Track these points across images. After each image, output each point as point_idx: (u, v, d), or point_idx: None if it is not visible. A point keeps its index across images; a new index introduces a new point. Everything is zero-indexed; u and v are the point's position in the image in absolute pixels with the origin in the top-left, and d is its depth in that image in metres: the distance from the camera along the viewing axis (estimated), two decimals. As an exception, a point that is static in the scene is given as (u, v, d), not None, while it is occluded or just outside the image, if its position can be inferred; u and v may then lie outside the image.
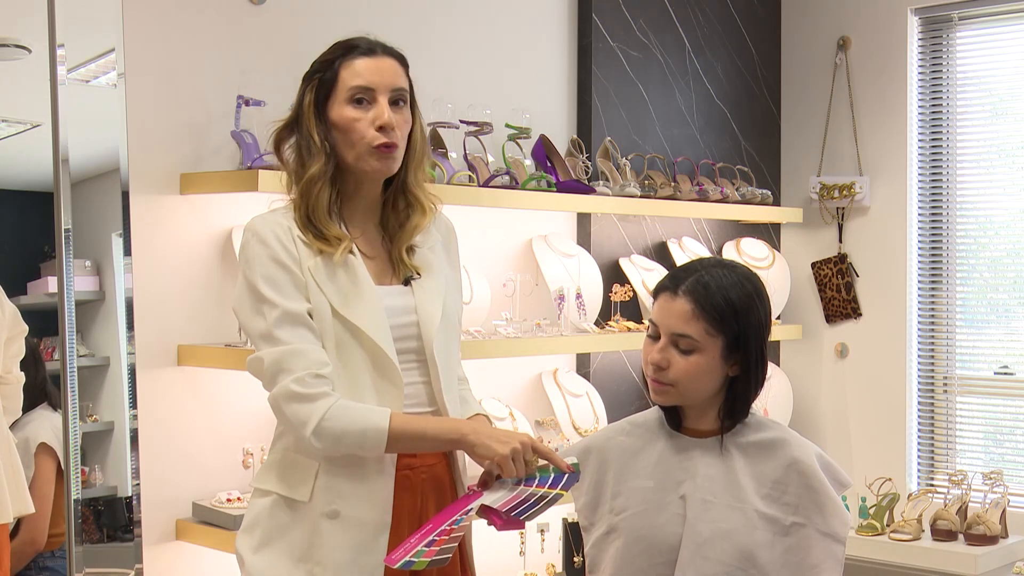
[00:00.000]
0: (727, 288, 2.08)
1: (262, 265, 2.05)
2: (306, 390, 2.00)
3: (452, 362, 2.21)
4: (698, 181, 4.19)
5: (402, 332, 2.11)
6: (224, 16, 3.11)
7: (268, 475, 2.13)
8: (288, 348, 2.02)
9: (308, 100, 2.11)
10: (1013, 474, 4.26)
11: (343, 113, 2.09)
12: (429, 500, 2.14)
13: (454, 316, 2.22)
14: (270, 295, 2.04)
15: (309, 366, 2.01)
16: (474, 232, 3.60)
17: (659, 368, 2.09)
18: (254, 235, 2.08)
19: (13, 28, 2.82)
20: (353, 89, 2.09)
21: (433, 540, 1.95)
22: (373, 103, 2.10)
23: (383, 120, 2.09)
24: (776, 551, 2.08)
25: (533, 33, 3.92)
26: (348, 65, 2.11)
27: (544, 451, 2.07)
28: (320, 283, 2.06)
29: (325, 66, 2.13)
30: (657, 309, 2.12)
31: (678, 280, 2.11)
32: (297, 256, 2.06)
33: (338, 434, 2.00)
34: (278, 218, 2.11)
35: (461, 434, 2.06)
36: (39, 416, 2.88)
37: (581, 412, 3.77)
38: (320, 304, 2.06)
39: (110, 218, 2.91)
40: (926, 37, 4.47)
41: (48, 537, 2.88)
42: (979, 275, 4.43)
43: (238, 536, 2.13)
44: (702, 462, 2.13)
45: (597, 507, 2.20)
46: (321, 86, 2.12)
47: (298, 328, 2.03)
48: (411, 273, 2.17)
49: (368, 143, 2.08)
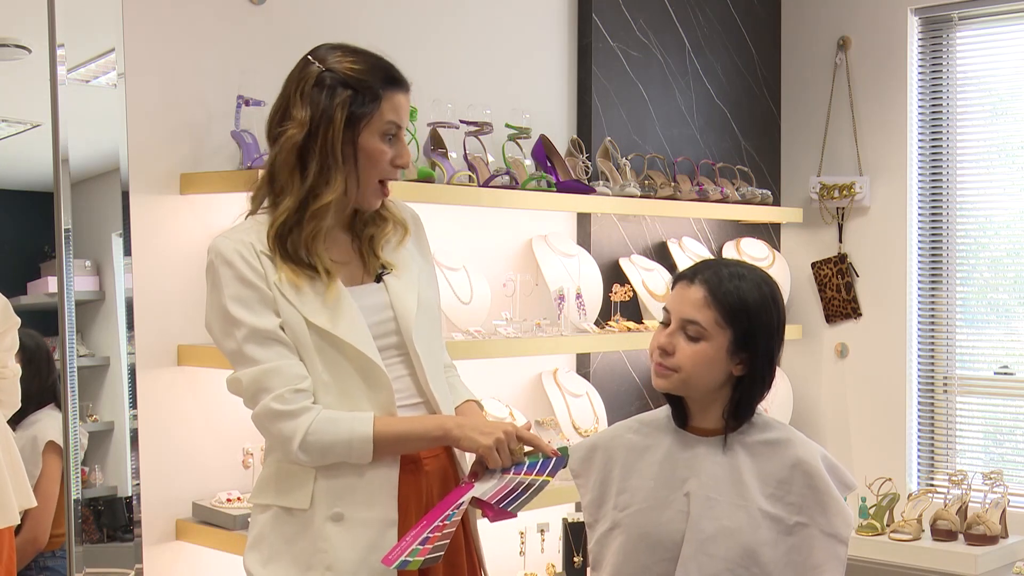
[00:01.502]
0: (743, 285, 2.11)
1: (229, 285, 2.04)
2: (287, 407, 2.01)
3: (435, 351, 2.21)
4: (698, 181, 4.19)
5: (381, 329, 2.11)
6: (224, 16, 3.11)
7: (265, 489, 2.12)
8: (265, 367, 2.02)
9: (340, 117, 2.04)
10: (1013, 474, 4.26)
11: (375, 145, 2.07)
12: (435, 491, 2.14)
13: (431, 305, 2.21)
14: (238, 314, 2.03)
15: (288, 382, 2.02)
16: (474, 232, 3.60)
17: (664, 352, 2.11)
18: (217, 255, 2.05)
19: (13, 28, 2.82)
20: (389, 124, 2.07)
21: (427, 537, 1.96)
22: (396, 140, 2.10)
23: (404, 160, 2.10)
24: (779, 550, 2.08)
25: (533, 33, 3.92)
26: (391, 98, 2.07)
27: (528, 438, 2.08)
28: (288, 297, 2.04)
29: (362, 87, 2.05)
30: (672, 296, 2.15)
31: (697, 271, 2.15)
32: (263, 271, 2.05)
33: (324, 447, 2.01)
34: (240, 235, 2.07)
35: (445, 429, 2.08)
36: (47, 415, 2.88)
37: (581, 412, 3.77)
38: (292, 317, 2.04)
39: (110, 218, 2.91)
40: (926, 37, 4.47)
41: (49, 537, 2.88)
42: (979, 275, 4.43)
43: (246, 553, 2.13)
44: (707, 460, 2.13)
45: (602, 504, 2.21)
46: (358, 107, 2.05)
47: (269, 345, 2.03)
48: (382, 269, 2.16)
49: (381, 178, 2.09)
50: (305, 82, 2.06)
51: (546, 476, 2.05)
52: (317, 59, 2.08)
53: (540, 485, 2.04)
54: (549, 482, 2.06)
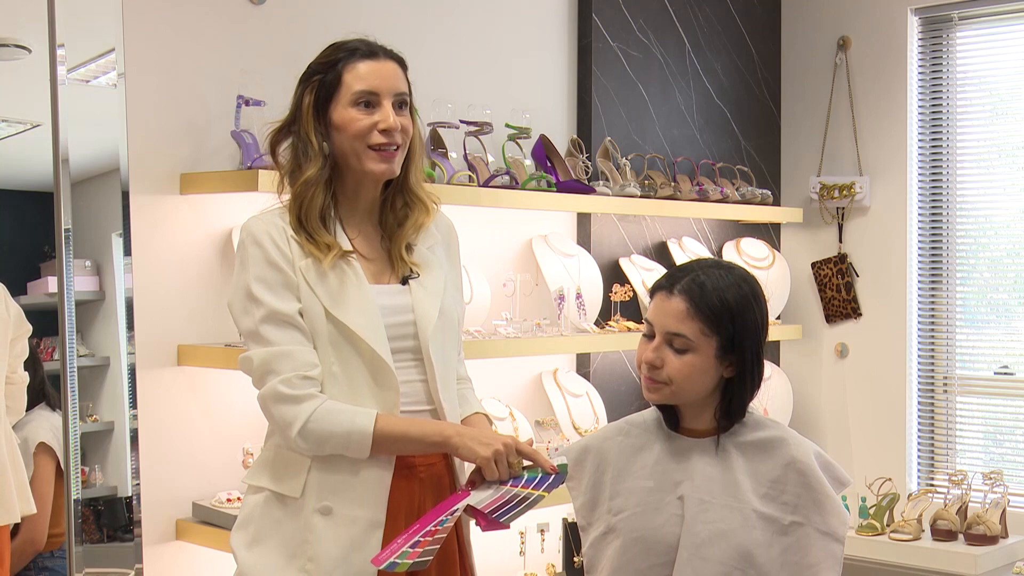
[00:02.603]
0: (723, 289, 2.08)
1: (256, 266, 2.07)
2: (293, 391, 2.03)
3: (450, 361, 2.21)
4: (698, 181, 4.20)
5: (399, 331, 2.12)
6: (224, 16, 3.11)
7: (260, 472, 2.14)
8: (277, 349, 2.04)
9: (307, 102, 2.11)
10: (1013, 474, 4.26)
11: (346, 115, 2.10)
12: (428, 498, 2.14)
13: (453, 315, 2.22)
14: (260, 295, 2.06)
15: (297, 367, 2.03)
16: (474, 232, 3.60)
17: (653, 367, 2.10)
18: (249, 235, 2.10)
19: (13, 28, 2.82)
20: (358, 93, 2.10)
21: (418, 541, 1.96)
22: (377, 107, 2.11)
23: (388, 124, 2.10)
24: (774, 551, 2.07)
25: (533, 33, 3.92)
26: (351, 68, 2.11)
27: (528, 452, 2.09)
28: (311, 284, 2.07)
29: (325, 68, 2.12)
30: (653, 308, 2.12)
31: (674, 280, 2.11)
32: (291, 256, 2.08)
33: (323, 436, 2.02)
34: (274, 218, 2.12)
35: (445, 436, 2.08)
36: (38, 416, 2.88)
37: (581, 412, 3.77)
38: (312, 304, 2.07)
39: (110, 218, 2.91)
40: (926, 37, 4.47)
41: (48, 537, 2.88)
42: (979, 275, 4.43)
43: (232, 533, 2.15)
44: (700, 462, 2.12)
45: (595, 507, 2.20)
46: (322, 88, 2.12)
47: (285, 328, 2.05)
48: (409, 271, 2.17)
49: (369, 144, 2.10)
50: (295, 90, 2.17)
51: (542, 491, 2.05)
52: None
53: (535, 499, 2.05)
54: (544, 497, 2.07)
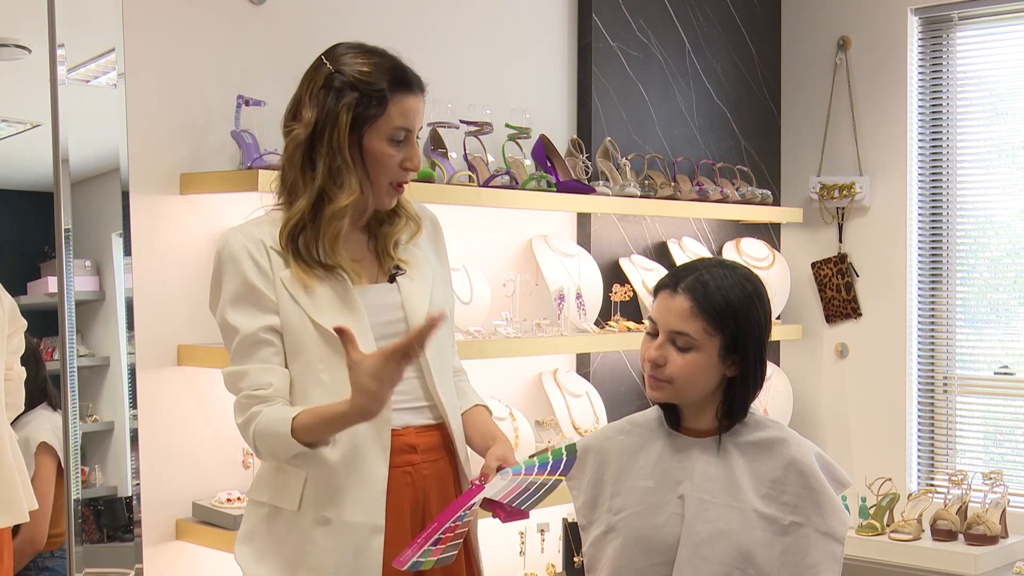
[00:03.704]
0: (727, 288, 2.08)
1: (229, 281, 2.06)
2: (243, 414, 2.04)
3: (445, 355, 2.21)
4: (698, 181, 4.19)
5: (391, 329, 2.11)
6: (224, 16, 3.11)
7: (261, 486, 2.14)
8: (236, 369, 2.06)
9: (344, 121, 2.04)
10: (1013, 474, 4.26)
11: (382, 148, 2.06)
12: (432, 496, 2.14)
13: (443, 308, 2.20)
14: (232, 319, 2.05)
15: (249, 387, 2.04)
16: (474, 232, 3.60)
17: (656, 365, 2.09)
18: (226, 249, 2.08)
19: (13, 28, 2.82)
20: (397, 129, 2.06)
21: (439, 538, 1.96)
22: (406, 143, 2.08)
23: (414, 164, 2.09)
24: (775, 551, 2.07)
25: (533, 33, 3.92)
26: (399, 101, 2.06)
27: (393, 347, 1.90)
28: (294, 294, 2.05)
29: (369, 90, 2.04)
30: (656, 306, 2.12)
31: (678, 278, 2.11)
32: (268, 268, 2.06)
33: (265, 445, 2.03)
34: (252, 230, 2.09)
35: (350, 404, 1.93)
36: (39, 416, 2.88)
37: (581, 412, 3.77)
38: (295, 316, 2.05)
39: (110, 218, 2.91)
40: (926, 37, 4.47)
41: (48, 537, 2.88)
42: (979, 275, 4.43)
43: (236, 546, 2.14)
44: (700, 462, 2.12)
45: (596, 506, 2.20)
46: (364, 109, 2.04)
47: (253, 351, 2.05)
48: (396, 268, 2.16)
49: (392, 181, 2.09)
50: (315, 83, 2.07)
51: (558, 475, 2.05)
52: (330, 60, 2.08)
53: (553, 484, 2.05)
54: (562, 481, 2.06)
